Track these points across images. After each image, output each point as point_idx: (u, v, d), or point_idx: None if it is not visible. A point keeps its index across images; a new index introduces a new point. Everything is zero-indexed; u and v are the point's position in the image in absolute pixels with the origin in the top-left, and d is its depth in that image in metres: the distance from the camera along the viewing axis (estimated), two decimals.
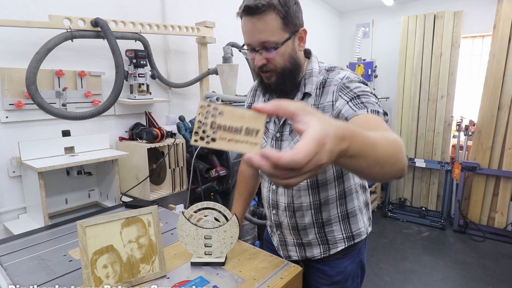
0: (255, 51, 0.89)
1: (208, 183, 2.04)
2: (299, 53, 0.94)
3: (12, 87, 1.55)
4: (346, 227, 1.04)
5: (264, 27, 0.84)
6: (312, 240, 1.05)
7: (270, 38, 0.85)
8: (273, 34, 0.85)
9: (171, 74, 2.35)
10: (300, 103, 0.46)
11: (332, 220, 1.03)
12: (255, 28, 0.85)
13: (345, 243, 1.05)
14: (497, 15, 3.28)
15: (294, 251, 1.10)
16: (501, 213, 3.35)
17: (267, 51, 0.87)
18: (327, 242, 1.05)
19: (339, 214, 1.03)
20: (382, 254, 2.99)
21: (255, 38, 0.86)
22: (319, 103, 0.92)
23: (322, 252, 1.06)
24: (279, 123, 1.00)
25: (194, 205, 1.03)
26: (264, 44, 0.86)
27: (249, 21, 0.85)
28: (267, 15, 0.83)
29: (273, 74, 0.91)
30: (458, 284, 2.57)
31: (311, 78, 0.95)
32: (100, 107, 1.59)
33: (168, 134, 1.99)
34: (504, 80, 3.24)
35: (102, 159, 1.60)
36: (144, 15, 2.12)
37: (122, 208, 1.60)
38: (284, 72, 0.91)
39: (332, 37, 4.45)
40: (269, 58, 0.88)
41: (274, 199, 1.06)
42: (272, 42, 0.86)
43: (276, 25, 0.85)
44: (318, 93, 0.93)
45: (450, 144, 3.79)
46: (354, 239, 1.06)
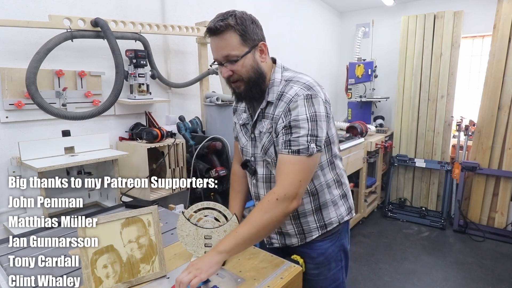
0: (222, 65, 1.01)
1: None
2: (261, 64, 1.04)
3: (12, 87, 1.55)
4: (319, 217, 1.15)
5: (225, 44, 0.97)
6: (289, 230, 1.16)
7: (231, 52, 0.98)
8: (234, 49, 0.98)
9: (171, 74, 2.35)
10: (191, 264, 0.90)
11: (307, 213, 1.14)
12: (218, 45, 0.98)
13: (318, 231, 1.15)
14: (497, 15, 3.28)
15: (275, 239, 1.21)
16: (501, 213, 3.35)
17: (231, 64, 0.99)
18: (303, 232, 1.16)
19: (313, 207, 1.14)
20: (382, 254, 2.99)
21: (220, 54, 0.99)
22: (274, 113, 1.04)
23: (299, 240, 1.17)
24: (251, 126, 1.13)
25: (194, 205, 1.03)
26: (227, 57, 0.99)
27: (213, 40, 0.99)
28: (226, 34, 0.96)
29: (241, 84, 1.03)
30: (458, 284, 2.56)
31: (273, 88, 1.06)
32: (100, 107, 1.59)
33: (168, 134, 1.99)
34: (504, 80, 3.24)
35: (102, 159, 1.60)
36: (144, 15, 2.12)
37: (122, 208, 1.60)
38: (249, 81, 1.02)
39: (332, 37, 4.45)
40: (234, 69, 1.00)
41: (256, 191, 1.18)
42: (233, 55, 0.98)
43: (236, 41, 0.97)
44: (276, 103, 1.04)
45: (450, 144, 3.79)
46: (327, 228, 1.16)
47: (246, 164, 1.14)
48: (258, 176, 1.15)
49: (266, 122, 1.06)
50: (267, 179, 1.13)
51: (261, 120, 1.08)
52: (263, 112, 1.07)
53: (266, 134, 1.06)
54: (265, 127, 1.06)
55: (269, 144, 1.06)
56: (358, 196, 3.55)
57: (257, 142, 1.12)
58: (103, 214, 1.39)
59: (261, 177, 1.14)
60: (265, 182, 1.14)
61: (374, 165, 3.92)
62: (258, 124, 1.09)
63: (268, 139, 1.06)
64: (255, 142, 1.13)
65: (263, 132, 1.07)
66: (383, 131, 3.98)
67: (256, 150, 1.13)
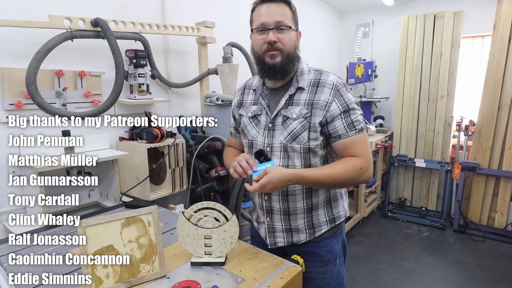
0: (269, 30, 1.03)
1: (208, 183, 2.04)
2: (297, 48, 1.09)
3: (12, 87, 1.55)
4: (329, 210, 1.17)
5: (280, 11, 1.03)
6: (300, 225, 1.16)
7: (285, 20, 1.03)
8: (287, 19, 1.04)
9: (171, 74, 2.35)
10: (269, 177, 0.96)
11: (319, 205, 1.15)
12: (273, 11, 1.03)
13: (327, 225, 1.17)
14: (497, 15, 3.28)
15: (281, 237, 1.18)
16: (501, 213, 3.35)
17: (279, 31, 1.03)
18: (313, 226, 1.16)
19: (325, 199, 1.16)
20: (382, 254, 2.99)
21: (273, 18, 1.02)
22: (313, 99, 1.06)
23: (307, 236, 1.16)
24: (271, 115, 1.11)
25: (194, 205, 1.03)
26: (280, 23, 1.03)
27: (268, 6, 1.04)
28: (283, 5, 1.04)
29: (278, 55, 1.04)
30: (458, 284, 2.57)
31: (302, 76, 1.10)
32: (100, 107, 1.59)
33: (168, 134, 1.99)
34: (504, 80, 3.24)
35: (102, 159, 1.60)
36: (144, 15, 2.12)
37: (122, 208, 1.60)
38: (288, 55, 1.05)
39: (332, 37, 4.45)
40: (280, 38, 1.03)
41: None
42: (286, 23, 1.03)
43: (289, 14, 1.05)
44: (311, 90, 1.08)
45: (450, 144, 3.79)
46: (335, 221, 1.18)
47: (261, 153, 1.06)
48: None
49: (297, 108, 1.07)
50: None
51: (288, 107, 1.08)
52: (291, 98, 1.08)
53: (299, 120, 1.06)
54: (295, 113, 1.06)
55: (302, 129, 1.06)
56: (358, 196, 3.55)
57: (275, 131, 1.10)
58: (103, 214, 1.39)
59: None
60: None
61: (374, 165, 3.92)
62: (284, 111, 1.08)
63: (302, 124, 1.06)
64: (272, 131, 1.11)
65: (293, 118, 1.07)
66: (383, 131, 3.98)
67: (273, 140, 1.11)
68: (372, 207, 3.89)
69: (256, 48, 1.07)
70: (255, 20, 1.07)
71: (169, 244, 1.16)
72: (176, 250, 1.11)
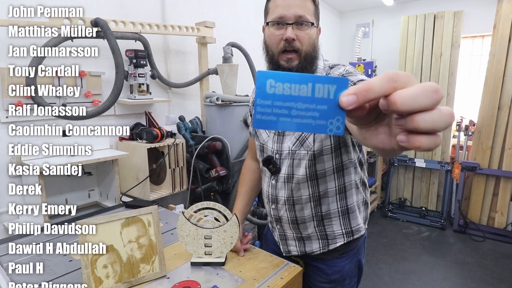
0: (288, 25, 0.89)
1: (208, 183, 2.04)
2: (317, 46, 0.97)
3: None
4: (345, 222, 1.06)
5: (303, 4, 0.89)
6: (311, 233, 1.06)
7: (307, 15, 0.89)
8: (309, 13, 0.90)
9: (171, 74, 2.35)
10: None
11: (332, 215, 1.04)
12: (294, 3, 0.88)
13: (344, 239, 1.06)
14: (497, 15, 3.28)
15: (294, 246, 1.10)
16: (501, 213, 3.35)
17: (299, 27, 0.90)
18: (326, 237, 1.06)
19: (339, 208, 1.05)
20: (382, 254, 2.99)
21: (293, 11, 0.88)
22: None
23: (321, 247, 1.07)
24: None
25: (194, 205, 1.03)
26: (300, 18, 0.89)
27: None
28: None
29: (296, 58, 0.92)
30: (458, 284, 2.56)
31: None
32: (100, 107, 1.59)
33: (168, 134, 1.98)
34: (504, 80, 3.24)
35: (102, 159, 1.60)
36: (144, 15, 2.12)
37: (122, 208, 1.60)
38: (306, 56, 0.93)
39: (332, 37, 4.45)
40: (299, 35, 0.90)
41: (274, 193, 1.07)
42: (307, 18, 0.90)
43: (311, 8, 0.92)
44: None
45: (450, 144, 3.79)
46: (354, 235, 1.07)
47: (270, 161, 1.00)
48: (279, 176, 1.03)
49: None
50: (289, 179, 1.02)
51: None
52: None
53: None
54: None
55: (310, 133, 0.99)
56: None
57: (285, 137, 1.02)
58: (103, 214, 1.39)
59: (282, 177, 1.03)
60: (287, 182, 1.02)
61: (374, 165, 3.93)
62: None
63: None
64: (282, 137, 1.02)
65: None
66: None
67: (281, 146, 1.02)
68: (372, 207, 3.90)
69: (271, 45, 0.94)
70: (271, 11, 0.92)
71: (169, 244, 1.16)
72: (176, 250, 1.11)
